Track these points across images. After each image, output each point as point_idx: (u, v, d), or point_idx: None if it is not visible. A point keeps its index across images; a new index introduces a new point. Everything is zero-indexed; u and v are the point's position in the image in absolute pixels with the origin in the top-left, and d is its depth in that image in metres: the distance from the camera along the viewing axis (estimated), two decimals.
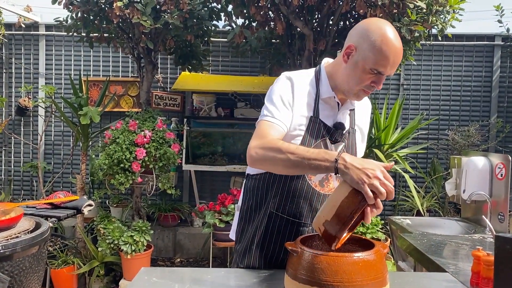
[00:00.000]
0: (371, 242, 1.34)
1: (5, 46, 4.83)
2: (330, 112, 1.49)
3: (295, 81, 1.45)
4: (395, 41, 1.34)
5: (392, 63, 1.33)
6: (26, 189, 4.91)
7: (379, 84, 1.37)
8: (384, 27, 1.36)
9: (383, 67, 1.33)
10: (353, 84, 1.40)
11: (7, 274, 1.80)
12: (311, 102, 1.46)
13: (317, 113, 1.46)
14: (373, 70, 1.34)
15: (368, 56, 1.34)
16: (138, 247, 3.43)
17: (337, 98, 1.49)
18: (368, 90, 1.39)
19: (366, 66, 1.34)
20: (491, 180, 2.38)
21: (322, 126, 1.46)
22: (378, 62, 1.33)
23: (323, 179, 1.50)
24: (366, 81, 1.37)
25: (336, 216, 1.21)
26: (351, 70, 1.39)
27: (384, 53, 1.32)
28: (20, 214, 1.98)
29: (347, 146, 1.51)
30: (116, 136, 3.43)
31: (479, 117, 4.71)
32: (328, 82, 1.47)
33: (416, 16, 2.81)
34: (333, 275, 1.18)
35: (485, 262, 1.41)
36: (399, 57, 1.35)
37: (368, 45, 1.34)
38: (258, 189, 1.54)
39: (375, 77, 1.36)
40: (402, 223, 2.59)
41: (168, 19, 3.26)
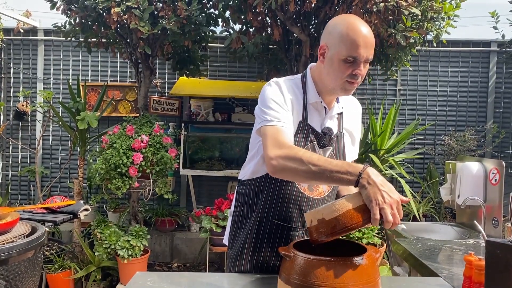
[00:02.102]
0: (364, 246, 1.36)
1: (3, 51, 4.85)
2: (317, 117, 1.51)
3: (283, 86, 1.47)
4: (361, 25, 1.38)
5: (364, 44, 1.35)
6: (23, 193, 4.91)
7: (360, 70, 1.38)
8: (347, 17, 1.44)
9: (355, 51, 1.35)
10: (336, 79, 1.42)
11: (3, 279, 1.80)
12: (300, 107, 1.48)
13: (306, 118, 1.48)
14: (348, 58, 1.36)
15: (339, 47, 1.37)
16: (135, 252, 3.44)
17: (324, 102, 1.50)
18: (353, 80, 1.40)
19: (340, 57, 1.37)
20: (485, 186, 2.40)
21: (311, 131, 1.48)
22: (349, 48, 1.36)
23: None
24: (347, 72, 1.38)
25: (335, 220, 1.21)
26: (329, 67, 1.42)
27: (352, 37, 1.35)
28: (16, 218, 1.99)
29: (335, 150, 1.52)
30: (113, 141, 3.44)
31: (475, 122, 4.73)
32: (314, 87, 1.50)
33: (411, 22, 2.84)
34: (325, 280, 1.19)
35: (476, 267, 1.42)
36: (369, 38, 1.37)
37: (336, 38, 1.38)
38: (249, 195, 1.56)
39: (354, 64, 1.38)
40: (397, 228, 2.60)
41: (165, 24, 3.28)
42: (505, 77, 4.73)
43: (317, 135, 1.49)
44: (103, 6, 3.20)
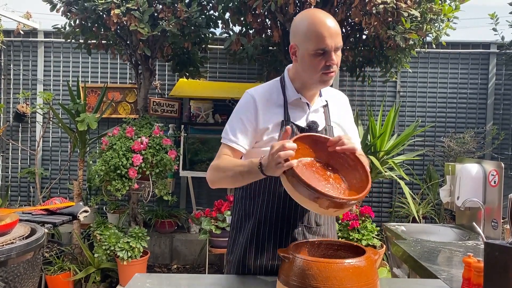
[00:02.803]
0: (363, 248, 1.36)
1: (3, 53, 4.86)
2: (301, 114, 1.53)
3: (257, 97, 1.52)
4: (322, 16, 1.40)
5: (329, 35, 1.37)
6: (23, 195, 4.91)
7: (332, 60, 1.40)
8: (307, 12, 1.46)
9: (322, 43, 1.37)
10: (312, 74, 1.44)
11: (2, 280, 1.80)
12: (280, 109, 1.52)
13: (288, 117, 1.51)
14: (318, 52, 1.39)
15: (306, 43, 1.40)
16: (135, 254, 3.43)
17: (306, 99, 1.53)
18: (328, 71, 1.42)
19: (310, 52, 1.40)
20: (484, 187, 2.40)
21: (295, 128, 1.50)
22: (316, 42, 1.38)
23: None
24: (320, 65, 1.41)
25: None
26: (302, 64, 1.45)
27: (316, 31, 1.38)
28: (15, 220, 1.99)
29: None
30: (113, 142, 3.44)
31: (475, 124, 4.73)
32: (292, 86, 1.53)
33: (410, 24, 2.84)
34: (324, 281, 1.19)
35: (475, 269, 1.42)
36: (332, 27, 1.39)
37: (302, 35, 1.42)
38: (246, 199, 1.58)
39: (325, 56, 1.39)
40: (397, 229, 2.60)
41: (165, 26, 3.29)
42: (505, 79, 4.74)
43: (303, 131, 1.50)
44: (103, 8, 3.20)
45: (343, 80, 4.79)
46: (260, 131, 1.50)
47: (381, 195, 4.77)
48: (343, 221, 3.30)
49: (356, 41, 3.75)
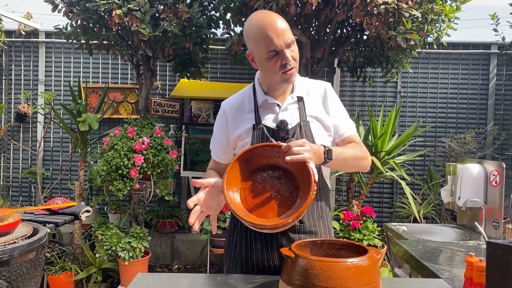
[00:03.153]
0: (365, 248, 1.36)
1: (5, 53, 4.86)
2: (271, 115, 1.54)
3: (228, 107, 1.59)
4: (264, 19, 1.42)
5: (275, 35, 1.39)
6: (24, 195, 4.92)
7: (287, 58, 1.41)
8: (251, 19, 1.47)
9: (272, 45, 1.40)
10: (272, 76, 1.47)
11: (4, 280, 1.81)
12: (251, 113, 1.55)
13: (259, 120, 1.54)
14: (270, 54, 1.41)
15: (258, 49, 1.44)
16: (136, 254, 3.44)
17: (275, 99, 1.54)
18: (286, 70, 1.43)
19: (264, 56, 1.43)
20: (485, 187, 2.40)
21: (265, 130, 1.51)
22: (265, 46, 1.41)
23: None
24: (277, 66, 1.43)
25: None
26: (262, 68, 1.49)
27: (262, 35, 1.40)
28: (18, 220, 2.00)
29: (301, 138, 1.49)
30: (114, 142, 3.45)
31: (475, 124, 4.74)
32: (261, 89, 1.56)
33: (411, 25, 2.85)
34: (326, 280, 1.19)
35: (477, 268, 1.42)
36: (276, 27, 1.40)
37: (252, 42, 1.45)
38: None
39: (279, 56, 1.42)
40: (398, 229, 2.61)
41: (167, 27, 3.29)
42: (505, 79, 4.74)
43: (273, 132, 1.51)
44: (104, 8, 3.21)
45: (344, 80, 4.80)
46: (233, 139, 1.56)
47: (382, 195, 4.78)
48: (344, 221, 3.30)
49: (357, 42, 3.76)
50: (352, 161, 1.50)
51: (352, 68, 4.00)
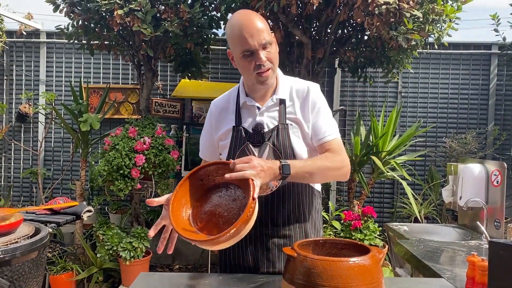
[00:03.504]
0: (367, 247, 1.36)
1: (6, 53, 4.87)
2: (250, 117, 1.54)
3: (214, 108, 1.62)
4: (241, 18, 1.42)
5: (249, 34, 1.38)
6: (25, 195, 4.92)
7: (260, 59, 1.40)
8: (231, 19, 1.48)
9: (245, 45, 1.39)
10: (247, 76, 1.48)
11: (7, 279, 1.81)
12: (233, 114, 1.56)
13: (239, 121, 1.54)
14: (245, 54, 1.41)
15: (234, 48, 1.44)
16: (137, 254, 3.44)
17: (256, 100, 1.54)
18: (261, 71, 1.43)
19: (239, 55, 1.42)
20: (487, 187, 2.41)
21: (243, 132, 1.52)
22: (239, 45, 1.41)
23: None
24: (250, 66, 1.42)
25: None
26: (239, 67, 1.49)
27: (237, 34, 1.40)
28: (19, 219, 2.00)
29: (278, 144, 1.49)
30: (115, 142, 3.45)
31: (476, 124, 4.74)
32: (244, 90, 1.56)
33: (412, 25, 2.85)
34: (329, 280, 1.20)
35: (479, 268, 1.42)
36: (251, 27, 1.39)
37: (230, 41, 1.46)
38: None
39: (253, 56, 1.41)
40: (399, 229, 2.61)
41: (168, 27, 3.30)
42: (506, 80, 4.74)
43: (250, 135, 1.51)
44: (106, 9, 3.21)
45: (344, 80, 4.80)
46: (216, 139, 1.58)
47: (382, 196, 4.78)
48: (345, 221, 3.31)
49: (358, 42, 3.76)
50: (320, 174, 1.43)
51: (353, 68, 4.01)
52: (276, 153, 1.49)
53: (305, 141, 1.52)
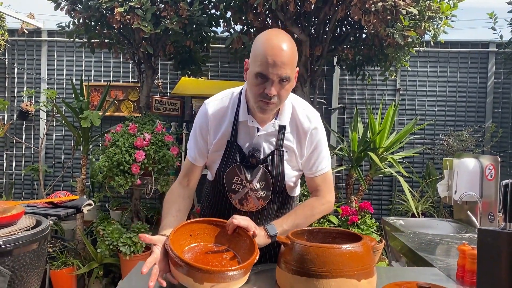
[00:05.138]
0: (360, 236, 1.40)
1: (8, 52, 4.91)
2: (247, 136, 1.51)
3: (211, 113, 1.52)
4: (276, 41, 1.32)
5: (273, 63, 1.29)
6: (27, 192, 4.96)
7: (270, 91, 1.32)
8: (267, 32, 1.39)
9: (264, 69, 1.30)
10: (252, 96, 1.40)
11: (8, 269, 1.85)
12: (230, 126, 1.50)
13: (235, 137, 1.50)
14: (258, 75, 1.33)
15: (254, 62, 1.35)
16: (137, 248, 3.47)
17: (257, 120, 1.48)
18: (266, 100, 1.35)
19: (254, 72, 1.34)
20: (481, 181, 2.44)
21: (238, 151, 1.49)
22: (259, 64, 1.31)
23: (242, 198, 1.56)
24: (259, 89, 1.34)
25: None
26: (248, 83, 1.40)
27: (263, 54, 1.31)
28: (21, 211, 2.03)
29: (271, 168, 1.51)
30: (116, 139, 3.49)
31: (474, 122, 4.77)
32: (246, 105, 1.49)
33: (409, 22, 2.88)
34: (321, 266, 1.23)
35: (469, 256, 1.46)
36: (281, 57, 1.30)
37: (253, 53, 1.37)
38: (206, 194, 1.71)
39: (265, 83, 1.33)
40: (395, 223, 2.64)
41: (167, 25, 3.33)
42: (504, 78, 4.77)
43: (244, 157, 1.50)
44: (106, 6, 3.25)
45: (343, 78, 4.83)
46: (209, 144, 1.54)
47: (381, 192, 4.81)
48: (342, 216, 3.34)
49: (356, 40, 3.79)
50: (307, 222, 1.54)
51: (351, 66, 4.04)
52: (267, 176, 1.52)
53: (295, 168, 1.57)
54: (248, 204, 1.57)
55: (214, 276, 1.21)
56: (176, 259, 1.25)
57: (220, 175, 1.54)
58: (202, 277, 1.21)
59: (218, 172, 1.55)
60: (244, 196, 1.55)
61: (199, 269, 1.22)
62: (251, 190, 1.54)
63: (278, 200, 1.60)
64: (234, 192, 1.55)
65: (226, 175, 1.53)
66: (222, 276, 1.22)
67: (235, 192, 1.55)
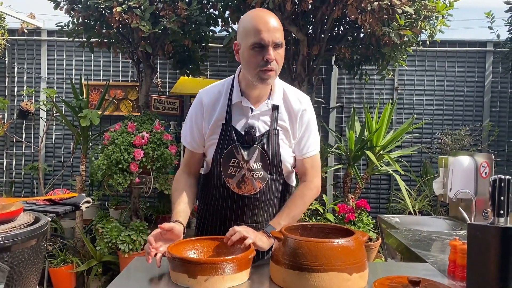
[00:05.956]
0: (352, 231, 1.42)
1: (8, 51, 4.94)
2: (242, 117, 1.55)
3: (205, 100, 1.57)
4: (260, 13, 1.45)
5: (266, 29, 1.39)
6: (27, 190, 4.99)
7: (269, 55, 1.40)
8: (249, 12, 1.50)
9: (259, 37, 1.39)
10: (250, 69, 1.46)
11: (7, 265, 1.87)
12: (224, 110, 1.55)
13: (229, 120, 1.53)
14: (255, 45, 1.40)
15: (246, 39, 1.43)
16: (136, 246, 3.50)
17: (250, 101, 1.54)
18: (266, 68, 1.42)
19: (248, 46, 1.42)
20: (476, 179, 2.46)
21: (233, 132, 1.52)
22: (253, 36, 1.40)
23: (239, 181, 1.56)
24: (258, 59, 1.42)
25: None
26: (243, 60, 1.48)
27: (253, 25, 1.41)
28: (20, 208, 2.06)
29: (267, 148, 1.53)
30: (114, 137, 3.51)
31: (471, 121, 4.79)
32: (239, 87, 1.55)
33: (404, 21, 2.90)
34: (313, 260, 1.25)
35: (460, 251, 1.48)
36: (270, 23, 1.41)
37: (242, 31, 1.45)
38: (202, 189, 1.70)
39: (262, 51, 1.41)
40: (391, 221, 2.66)
41: (166, 24, 3.36)
42: (501, 77, 4.79)
43: (240, 136, 1.53)
44: (105, 6, 3.28)
45: (341, 78, 4.86)
46: (204, 132, 1.57)
47: (379, 191, 4.83)
48: (339, 214, 3.36)
49: (354, 39, 3.81)
50: (301, 212, 1.61)
51: (349, 66, 4.06)
52: (264, 157, 1.54)
53: (290, 149, 1.60)
54: (245, 186, 1.57)
55: (207, 268, 1.23)
56: (168, 254, 1.27)
57: (217, 159, 1.55)
58: (194, 270, 1.24)
59: (215, 157, 1.56)
60: (242, 178, 1.55)
61: (190, 261, 1.24)
62: (248, 171, 1.54)
63: (275, 184, 1.60)
64: (231, 176, 1.56)
65: (223, 158, 1.54)
66: (214, 267, 1.24)
67: (232, 176, 1.56)
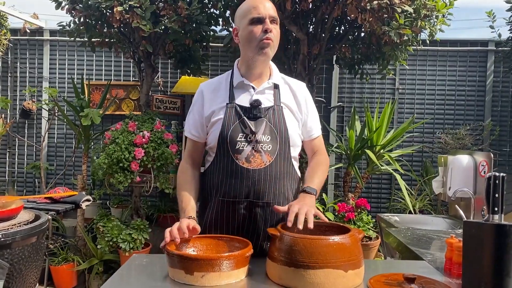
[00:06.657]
0: (348, 228, 1.43)
1: (10, 51, 4.97)
2: (246, 95, 1.62)
3: (205, 87, 1.68)
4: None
5: (262, 5, 1.53)
6: (28, 189, 5.02)
7: (268, 25, 1.53)
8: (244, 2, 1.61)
9: (256, 12, 1.53)
10: (251, 44, 1.56)
11: (7, 262, 1.89)
12: (226, 93, 1.63)
13: (232, 99, 1.62)
14: (253, 20, 1.53)
15: (244, 19, 1.56)
16: (136, 245, 3.51)
17: (251, 82, 1.63)
18: (266, 39, 1.53)
19: (247, 23, 1.55)
20: (475, 178, 2.46)
21: (239, 108, 1.59)
22: (250, 13, 1.54)
23: (248, 155, 1.56)
24: (257, 32, 1.54)
25: None
26: (243, 39, 1.58)
27: (250, 4, 1.55)
28: (20, 206, 2.08)
29: (274, 122, 1.58)
30: (115, 136, 3.53)
31: (473, 121, 4.78)
32: (238, 72, 1.66)
33: (404, 20, 2.90)
34: (308, 256, 1.26)
35: (456, 248, 1.48)
36: (266, 2, 1.55)
37: (241, 14, 1.58)
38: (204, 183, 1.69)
39: (259, 25, 1.53)
40: (390, 220, 2.67)
41: (167, 23, 3.37)
42: (503, 76, 4.78)
43: (246, 110, 1.58)
44: (106, 5, 3.29)
45: (342, 77, 4.86)
46: (207, 116, 1.62)
47: (380, 190, 4.83)
48: (339, 212, 3.36)
49: (355, 39, 3.81)
50: (325, 176, 1.69)
51: (350, 65, 4.06)
52: (272, 130, 1.57)
53: (296, 124, 1.65)
54: (255, 160, 1.57)
55: (203, 264, 1.24)
56: (165, 250, 1.29)
57: (224, 136, 1.56)
58: (191, 267, 1.25)
59: (221, 134, 1.57)
60: (251, 152, 1.56)
61: (187, 257, 1.25)
62: (257, 143, 1.56)
63: (283, 163, 1.60)
64: (239, 152, 1.56)
65: (231, 134, 1.55)
66: (210, 264, 1.25)
67: (240, 151, 1.56)
